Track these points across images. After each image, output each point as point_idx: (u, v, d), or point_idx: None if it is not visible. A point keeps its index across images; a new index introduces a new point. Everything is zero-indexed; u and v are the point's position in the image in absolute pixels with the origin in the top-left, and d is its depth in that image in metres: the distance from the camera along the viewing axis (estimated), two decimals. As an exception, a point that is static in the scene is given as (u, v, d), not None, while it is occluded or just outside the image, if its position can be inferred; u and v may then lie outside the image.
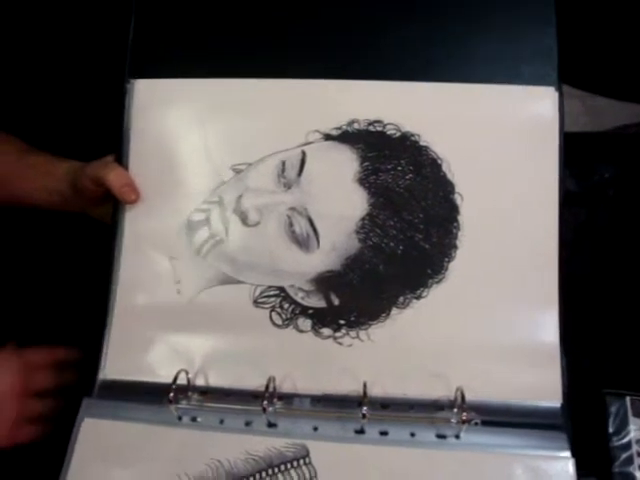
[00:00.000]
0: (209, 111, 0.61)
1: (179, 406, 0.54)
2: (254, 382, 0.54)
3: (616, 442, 0.57)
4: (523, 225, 0.57)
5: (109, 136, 0.62)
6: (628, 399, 0.58)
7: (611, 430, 0.57)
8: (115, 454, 0.54)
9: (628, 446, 0.57)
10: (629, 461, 0.56)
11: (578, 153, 0.73)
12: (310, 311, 0.58)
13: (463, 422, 0.51)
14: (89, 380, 0.57)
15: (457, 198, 0.58)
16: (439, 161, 0.59)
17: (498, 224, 0.57)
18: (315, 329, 0.57)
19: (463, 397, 0.51)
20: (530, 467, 0.50)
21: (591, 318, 0.66)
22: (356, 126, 0.60)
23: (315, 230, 0.58)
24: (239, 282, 0.59)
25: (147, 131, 0.61)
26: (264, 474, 0.52)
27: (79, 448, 0.54)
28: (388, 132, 0.60)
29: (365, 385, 0.52)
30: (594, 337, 0.64)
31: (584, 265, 0.69)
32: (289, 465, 0.52)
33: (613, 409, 0.58)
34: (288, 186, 0.59)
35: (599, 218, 0.74)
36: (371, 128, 0.60)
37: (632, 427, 0.57)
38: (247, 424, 0.54)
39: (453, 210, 0.58)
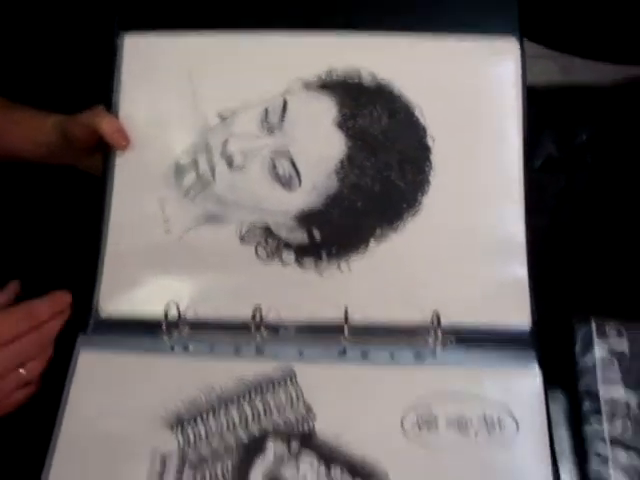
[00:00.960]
0: (195, 62, 0.63)
1: (171, 337, 0.57)
2: (242, 313, 0.57)
3: (582, 362, 0.60)
4: (489, 161, 0.60)
5: (98, 88, 0.65)
6: (593, 323, 0.62)
7: (577, 350, 0.61)
8: (111, 385, 0.56)
9: (592, 366, 0.60)
10: (593, 380, 0.60)
11: (555, 110, 0.77)
12: (293, 246, 0.61)
13: (439, 343, 0.55)
14: (83, 317, 0.59)
15: (429, 140, 0.61)
16: (412, 107, 0.62)
17: (467, 162, 0.61)
18: (298, 262, 0.60)
19: (439, 319, 0.55)
20: (501, 381, 0.54)
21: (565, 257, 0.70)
22: (334, 75, 0.63)
23: (297, 171, 0.61)
24: (225, 221, 0.61)
25: (136, 82, 0.63)
26: (253, 395, 0.55)
27: (76, 382, 0.57)
28: (364, 81, 0.63)
29: (346, 310, 0.56)
30: (565, 267, 0.68)
31: (564, 230, 0.73)
32: (277, 385, 0.55)
33: (580, 332, 0.62)
34: (271, 131, 0.62)
35: (578, 183, 0.77)
36: (348, 78, 0.63)
37: (597, 348, 0.61)
38: (236, 351, 0.57)
39: (426, 151, 0.61)
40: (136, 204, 0.62)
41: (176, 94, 0.63)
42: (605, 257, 0.70)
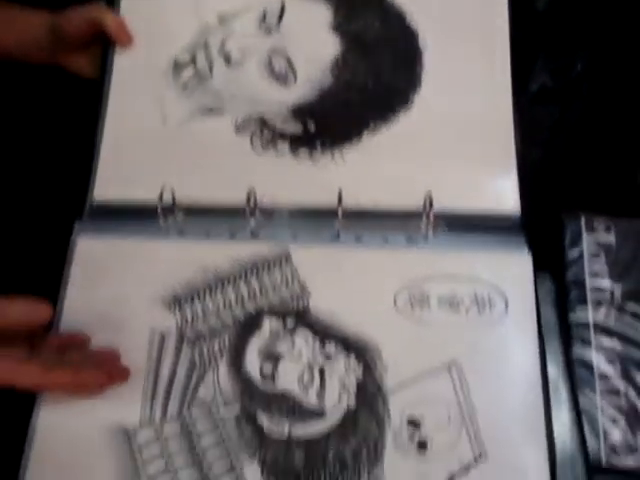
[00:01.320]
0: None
1: (166, 221, 0.58)
2: (236, 199, 0.58)
3: (570, 255, 0.62)
4: (478, 62, 0.62)
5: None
6: (583, 218, 0.64)
7: (566, 243, 0.62)
8: (109, 269, 0.57)
9: (580, 258, 0.62)
10: (581, 270, 0.61)
11: (551, 36, 0.77)
12: (288, 136, 0.61)
13: (431, 226, 0.56)
14: (80, 204, 0.59)
15: (421, 44, 0.63)
16: (404, 14, 0.64)
17: (456, 64, 0.62)
18: (293, 152, 0.61)
19: (431, 202, 0.56)
20: (492, 264, 0.55)
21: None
22: None
23: (293, 68, 0.62)
24: (221, 113, 0.62)
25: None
26: (249, 274, 0.56)
27: (75, 268, 0.57)
28: None
29: (340, 192, 0.56)
30: (556, 167, 0.69)
31: (558, 163, 0.74)
32: (272, 265, 0.56)
33: (569, 226, 0.63)
34: (268, 31, 0.63)
35: (572, 115, 0.76)
36: None
37: (585, 241, 0.62)
38: (231, 235, 0.57)
39: (417, 53, 0.63)
40: (134, 98, 0.62)
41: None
42: (595, 161, 0.71)
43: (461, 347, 0.53)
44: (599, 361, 0.59)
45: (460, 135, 0.60)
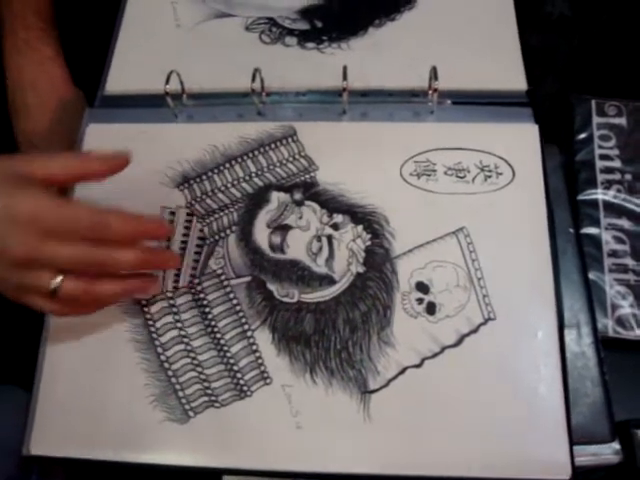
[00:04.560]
0: None
1: (175, 106, 0.57)
2: (244, 84, 0.56)
3: (580, 137, 0.60)
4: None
5: None
6: (593, 101, 0.62)
7: (576, 126, 0.60)
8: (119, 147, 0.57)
9: (590, 139, 0.60)
10: (591, 152, 0.60)
11: None
12: (296, 32, 0.61)
13: (436, 100, 0.54)
14: (92, 93, 0.59)
15: None
16: None
17: None
18: (300, 44, 0.60)
19: (436, 76, 0.54)
20: (498, 135, 0.54)
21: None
22: None
23: None
24: (233, 15, 0.62)
25: None
26: (256, 152, 0.55)
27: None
28: None
29: (345, 68, 0.54)
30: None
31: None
32: (278, 143, 0.55)
33: (579, 109, 0.61)
34: None
35: (592, 43, 0.75)
36: None
37: (595, 123, 0.60)
38: (239, 116, 0.56)
39: None
40: (151, 3, 0.63)
41: None
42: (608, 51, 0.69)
43: (468, 213, 0.51)
44: (608, 239, 0.58)
45: (463, 25, 0.59)
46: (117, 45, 0.61)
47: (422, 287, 0.50)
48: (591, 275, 0.56)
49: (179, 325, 0.51)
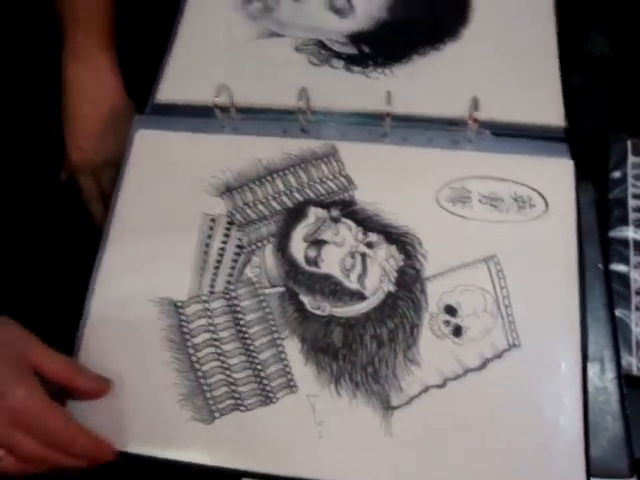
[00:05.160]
0: None
1: (222, 118, 0.59)
2: (290, 102, 0.58)
3: (614, 175, 0.61)
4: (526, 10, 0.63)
5: None
6: (629, 141, 0.62)
7: (611, 164, 0.61)
8: (165, 159, 0.58)
9: (624, 178, 0.61)
10: (624, 190, 0.61)
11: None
12: (343, 56, 0.63)
13: (475, 130, 0.56)
14: (142, 101, 0.61)
15: None
16: None
17: (505, 9, 0.64)
18: (347, 67, 0.62)
19: (477, 106, 0.56)
20: (534, 168, 0.55)
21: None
22: None
23: (352, 4, 0.65)
24: (283, 36, 0.64)
25: None
26: (298, 168, 0.56)
27: (133, 158, 0.59)
28: None
29: (388, 93, 0.56)
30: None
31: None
32: (320, 160, 0.57)
33: (614, 148, 0.62)
34: None
35: (631, 83, 0.73)
36: None
37: (630, 163, 0.61)
38: (283, 132, 0.58)
39: None
40: (206, 19, 0.66)
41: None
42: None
43: (500, 242, 0.52)
44: (636, 277, 0.58)
45: (506, 58, 0.61)
46: (171, 55, 0.64)
47: (450, 310, 0.51)
48: (617, 312, 0.56)
49: (212, 328, 0.52)
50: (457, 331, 0.50)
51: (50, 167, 0.71)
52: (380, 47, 0.63)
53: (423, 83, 0.60)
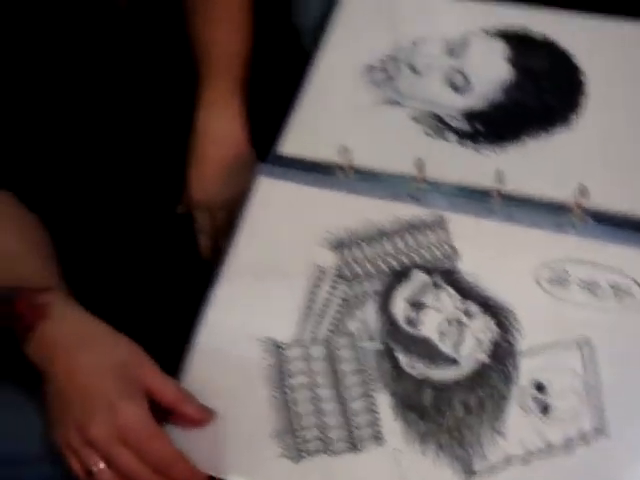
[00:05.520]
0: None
1: (340, 177, 0.64)
2: (404, 169, 0.63)
3: None
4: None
5: None
6: None
7: None
8: (283, 208, 0.63)
9: None
10: None
11: None
12: (457, 131, 0.67)
13: (580, 217, 0.59)
14: (265, 151, 0.67)
15: (583, 78, 0.67)
16: (571, 54, 0.69)
17: (620, 101, 0.66)
18: (459, 142, 0.66)
19: (583, 192, 0.58)
20: (637, 260, 0.57)
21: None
22: (509, 28, 0.71)
23: (469, 82, 0.68)
24: (401, 105, 0.69)
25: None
26: (406, 232, 0.60)
27: (253, 204, 0.64)
28: (535, 35, 0.70)
29: (499, 172, 0.60)
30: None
31: None
32: (428, 228, 0.60)
33: None
34: (451, 54, 0.70)
35: None
36: (521, 31, 0.71)
37: None
38: (395, 196, 0.62)
39: (580, 85, 0.67)
40: (332, 84, 0.71)
41: (381, 26, 0.73)
42: None
43: (595, 327, 0.54)
44: None
45: (617, 148, 0.63)
46: (297, 111, 0.69)
47: (540, 387, 0.53)
48: None
49: (309, 372, 0.56)
50: (545, 409, 0.52)
51: (168, 198, 0.78)
52: (493, 126, 0.66)
53: (532, 164, 0.63)
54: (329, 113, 0.69)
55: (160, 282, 0.74)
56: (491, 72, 0.69)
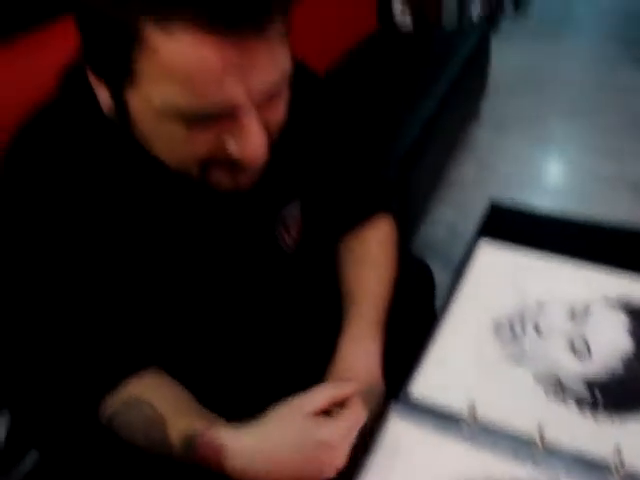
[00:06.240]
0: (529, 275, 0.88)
1: (466, 430, 0.69)
2: (524, 427, 0.69)
3: None
4: None
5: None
6: None
7: None
8: (412, 450, 0.69)
9: None
10: None
11: None
12: (576, 396, 0.72)
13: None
14: (399, 388, 0.74)
15: None
16: None
17: None
18: (579, 407, 0.71)
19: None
20: None
21: None
22: (631, 299, 0.82)
23: (589, 348, 0.76)
24: (523, 364, 0.77)
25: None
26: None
27: (386, 442, 0.70)
28: None
29: (619, 450, 0.64)
30: None
31: None
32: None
33: None
34: (573, 319, 0.80)
35: None
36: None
37: None
38: (515, 455, 0.67)
39: None
40: (462, 333, 0.81)
41: (508, 285, 0.86)
42: None
43: None
44: None
45: None
46: (426, 359, 0.77)
47: None
48: None
49: None
50: None
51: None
52: (612, 396, 0.71)
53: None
54: (458, 363, 0.77)
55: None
56: (612, 342, 0.77)
